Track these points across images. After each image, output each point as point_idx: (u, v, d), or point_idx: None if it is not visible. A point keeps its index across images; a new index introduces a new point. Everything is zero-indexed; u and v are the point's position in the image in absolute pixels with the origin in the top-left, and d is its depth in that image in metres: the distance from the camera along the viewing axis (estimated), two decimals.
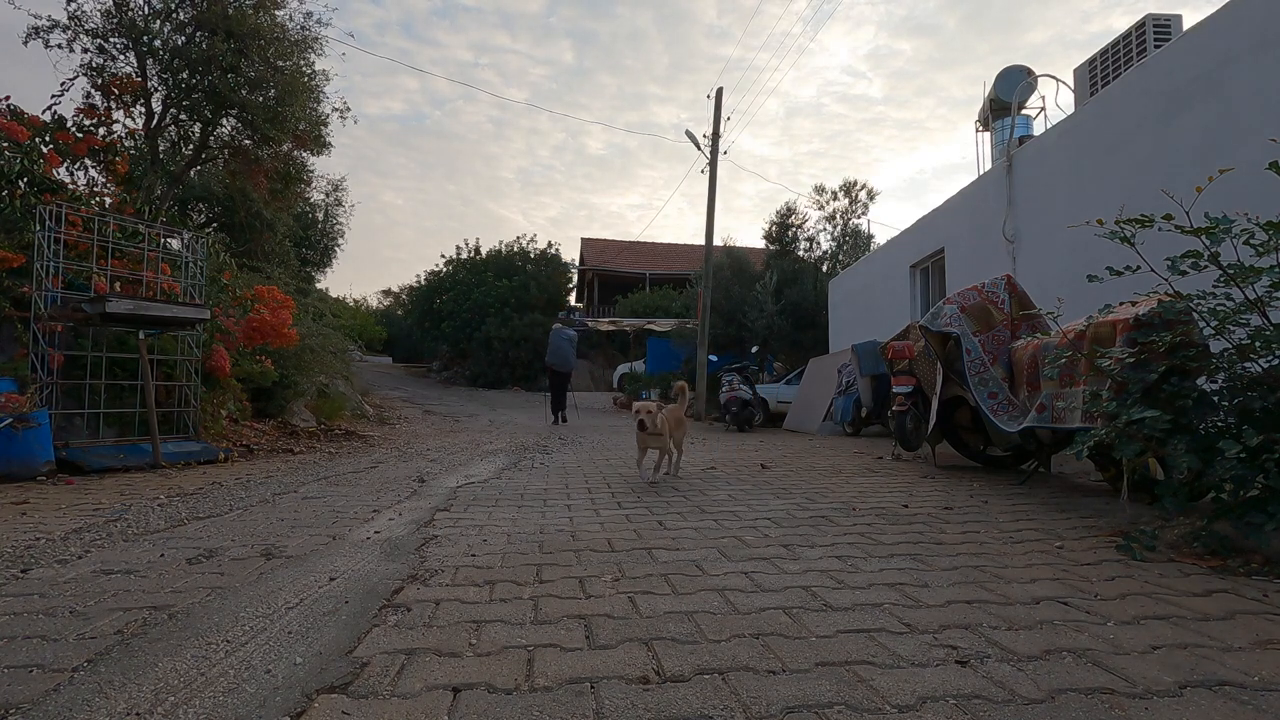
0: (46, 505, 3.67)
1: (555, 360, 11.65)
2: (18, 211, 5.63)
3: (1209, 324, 2.82)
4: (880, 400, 8.20)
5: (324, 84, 9.83)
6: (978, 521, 3.20)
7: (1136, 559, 2.47)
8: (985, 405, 4.46)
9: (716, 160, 14.43)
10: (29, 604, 1.98)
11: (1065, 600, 2.00)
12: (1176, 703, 1.35)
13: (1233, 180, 2.98)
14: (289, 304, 7.36)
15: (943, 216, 9.77)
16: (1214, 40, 5.13)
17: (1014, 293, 4.85)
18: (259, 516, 3.37)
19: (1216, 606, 1.94)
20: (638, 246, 32.12)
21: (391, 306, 41.21)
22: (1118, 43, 7.42)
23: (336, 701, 1.37)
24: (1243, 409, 2.68)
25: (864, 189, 18.65)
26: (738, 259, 18.09)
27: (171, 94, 9.04)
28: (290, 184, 10.88)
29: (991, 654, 1.59)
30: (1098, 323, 3.41)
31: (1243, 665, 1.52)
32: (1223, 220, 2.64)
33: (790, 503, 3.77)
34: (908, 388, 5.78)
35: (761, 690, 1.41)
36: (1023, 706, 1.33)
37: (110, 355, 5.69)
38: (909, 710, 1.32)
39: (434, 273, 26.83)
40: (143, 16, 8.77)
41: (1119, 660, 1.55)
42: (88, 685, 1.44)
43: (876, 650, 1.62)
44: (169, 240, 6.70)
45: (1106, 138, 6.30)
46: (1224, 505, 2.56)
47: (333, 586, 2.17)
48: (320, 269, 20.69)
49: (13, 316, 5.25)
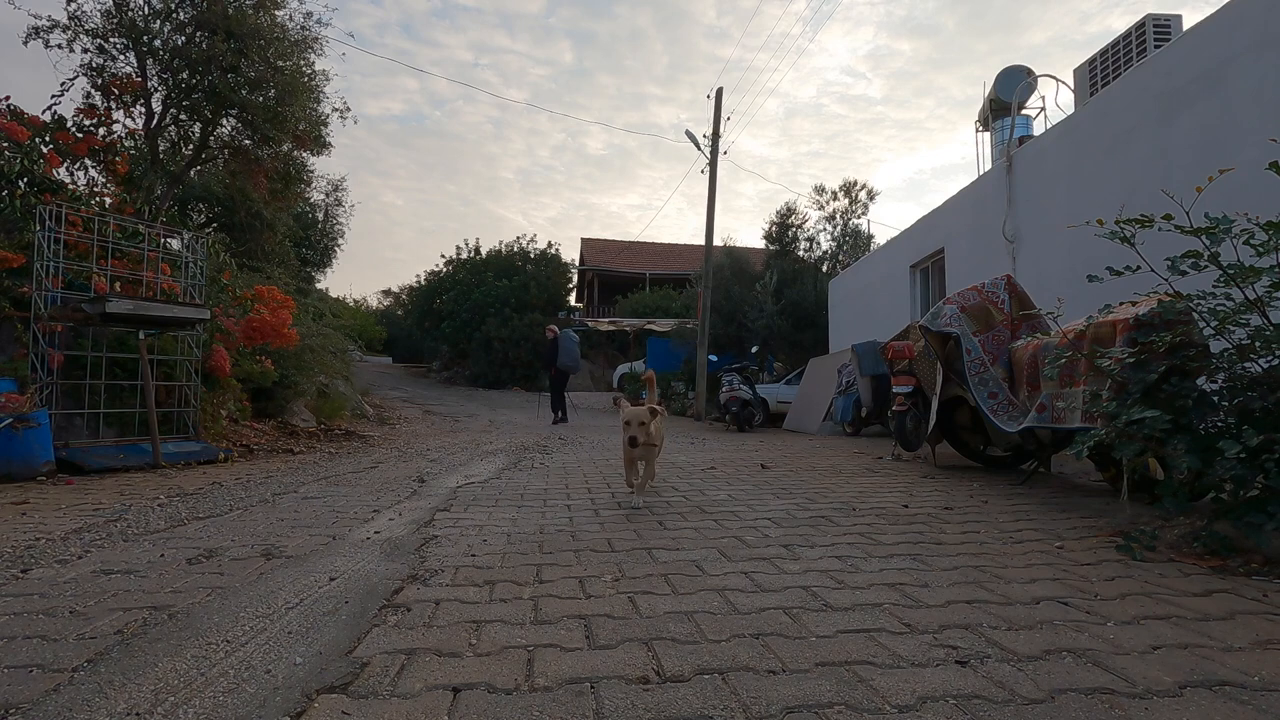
0: (46, 505, 3.67)
1: (570, 362, 11.89)
2: (18, 211, 5.63)
3: (1209, 324, 2.82)
4: (880, 400, 8.20)
5: (324, 84, 9.83)
6: (978, 521, 3.20)
7: (1136, 559, 2.47)
8: (985, 405, 4.46)
9: (716, 160, 14.43)
10: (29, 604, 1.98)
11: (1065, 600, 2.00)
12: (1176, 703, 1.35)
13: (1233, 180, 2.98)
14: (289, 304, 7.37)
15: (943, 216, 9.77)
16: (1214, 40, 5.13)
17: (1014, 293, 4.85)
18: (259, 516, 3.37)
19: (1217, 606, 1.94)
20: (638, 247, 32.14)
21: (391, 306, 41.21)
22: (1118, 43, 7.43)
23: (336, 701, 1.37)
24: (1243, 409, 2.68)
25: (864, 189, 18.70)
26: (738, 259, 18.09)
27: (171, 94, 9.04)
28: (290, 184, 10.88)
29: (991, 654, 1.59)
30: (1098, 323, 3.41)
31: (1243, 665, 1.52)
32: (1223, 220, 2.64)
33: (790, 503, 3.77)
34: (908, 388, 5.79)
35: (762, 690, 1.41)
36: (1023, 706, 1.33)
37: (110, 355, 5.69)
38: (909, 710, 1.32)
39: (434, 273, 26.85)
40: (143, 16, 8.76)
41: (1119, 660, 1.55)
42: (88, 685, 1.44)
43: (876, 650, 1.62)
44: (169, 240, 6.71)
45: (1106, 138, 6.30)
46: (1224, 505, 2.56)
47: (333, 586, 2.17)
48: (320, 269, 20.74)
49: (13, 316, 5.25)
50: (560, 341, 11.98)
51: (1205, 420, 2.77)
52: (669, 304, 24.58)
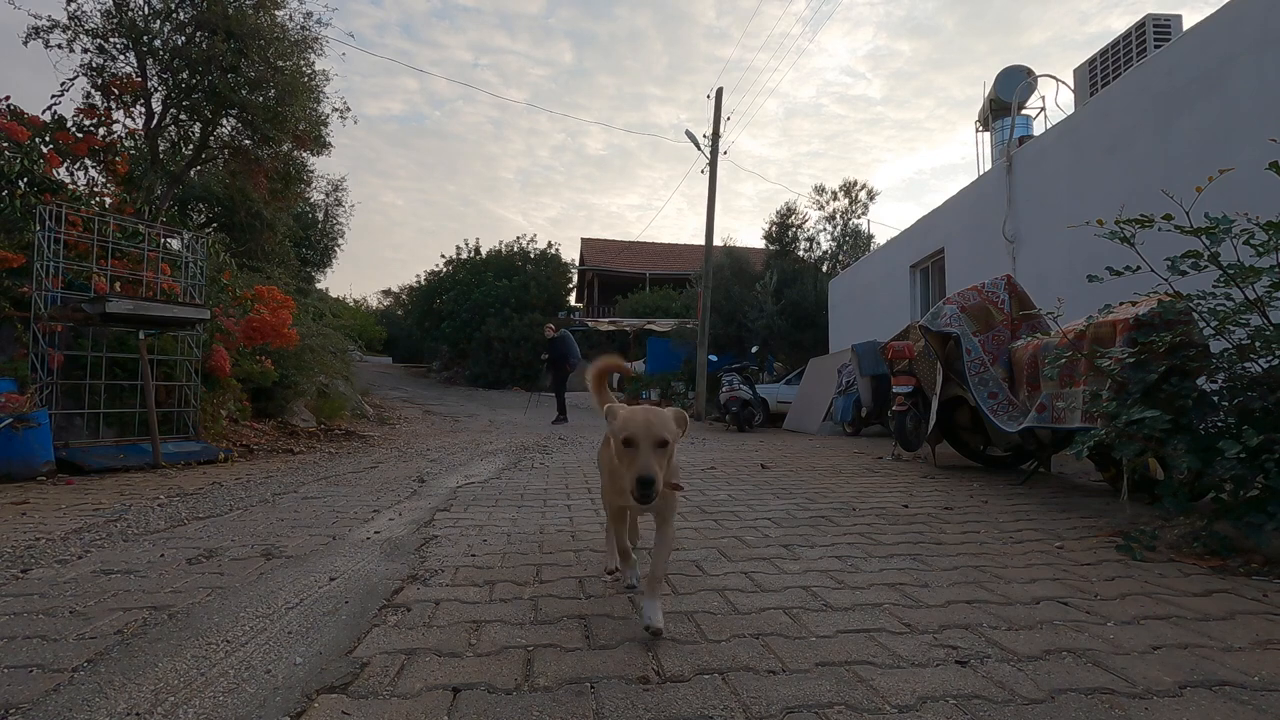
0: (46, 505, 3.67)
1: (576, 360, 12.06)
2: (18, 211, 5.63)
3: (1209, 324, 2.82)
4: (880, 400, 8.20)
5: (324, 84, 9.82)
6: (978, 522, 3.20)
7: (1136, 559, 2.47)
8: (985, 405, 4.46)
9: (716, 160, 14.43)
10: (29, 604, 1.98)
11: (1065, 600, 2.00)
12: (1176, 703, 1.35)
13: (1233, 180, 2.98)
14: (289, 304, 7.37)
15: (943, 216, 9.77)
16: (1214, 40, 5.13)
17: (1014, 293, 4.85)
18: (259, 516, 3.37)
19: (1217, 606, 1.94)
20: (637, 247, 32.13)
21: (391, 306, 41.21)
22: (1118, 43, 7.43)
23: (336, 701, 1.37)
24: (1243, 409, 2.68)
25: (864, 189, 18.68)
26: (738, 259, 18.09)
27: (171, 94, 9.04)
28: (290, 184, 10.88)
29: (991, 654, 1.59)
30: (1098, 323, 3.41)
31: (1243, 665, 1.52)
32: (1223, 220, 2.64)
33: (790, 503, 3.77)
34: (908, 388, 5.79)
35: (762, 690, 1.41)
36: (1022, 706, 1.33)
37: (110, 355, 5.69)
38: (909, 710, 1.32)
39: (434, 273, 26.85)
40: (143, 16, 8.76)
41: (1119, 660, 1.55)
42: (88, 685, 1.44)
43: (876, 650, 1.62)
44: (169, 240, 6.71)
45: (1106, 138, 6.30)
46: (1224, 505, 2.56)
47: (333, 586, 2.17)
48: (320, 269, 20.72)
49: (13, 316, 5.25)
50: (568, 343, 12.14)
51: (1205, 420, 2.77)
52: (669, 304, 24.57)
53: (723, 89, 15.33)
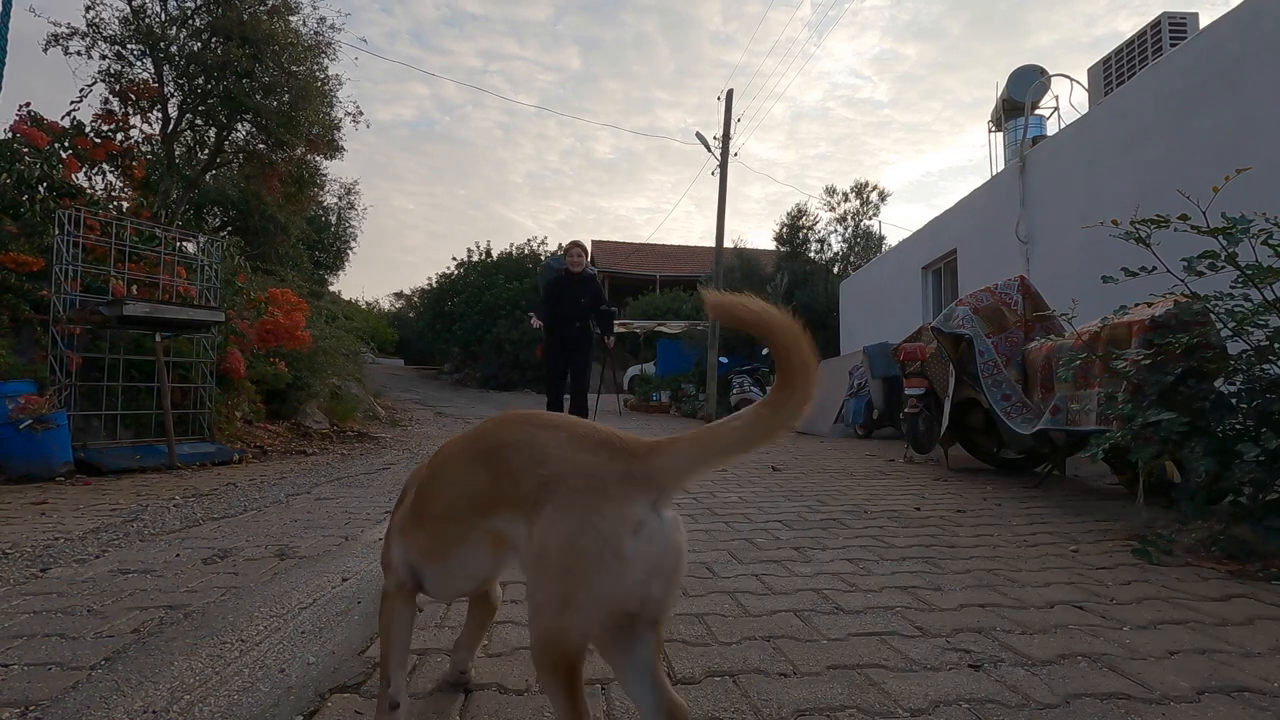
0: (65, 505, 3.71)
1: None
2: (37, 216, 5.71)
3: (1226, 325, 2.78)
4: (892, 402, 8.15)
5: (337, 88, 9.93)
6: (991, 524, 3.17)
7: (1153, 563, 2.44)
8: (999, 407, 4.42)
9: (727, 162, 14.42)
10: (48, 603, 2.01)
11: (1080, 604, 1.98)
12: (1194, 709, 1.33)
13: (1250, 180, 2.94)
14: (302, 307, 7.43)
15: (954, 217, 9.70)
16: (1231, 38, 5.07)
17: (1027, 294, 4.80)
18: (273, 517, 3.40)
19: (1235, 611, 1.91)
20: (648, 249, 32.11)
21: (403, 309, 41.42)
22: (1132, 41, 7.36)
23: (349, 701, 1.38)
24: (1261, 411, 2.64)
25: (875, 190, 18.61)
26: (748, 260, 18.08)
27: (187, 99, 9.16)
28: (303, 188, 11.00)
29: (1005, 658, 1.58)
30: (1113, 324, 3.37)
31: (1262, 671, 1.50)
32: (1240, 220, 2.60)
33: (801, 505, 3.75)
34: (920, 390, 5.75)
35: (772, 693, 1.40)
36: (1037, 711, 1.32)
37: (127, 357, 5.75)
38: (921, 714, 1.31)
39: (445, 275, 26.94)
40: (159, 23, 8.89)
41: (1135, 665, 1.54)
42: (105, 683, 1.46)
43: (889, 653, 1.61)
44: (185, 244, 6.77)
45: (1121, 137, 6.23)
46: (1242, 509, 2.52)
47: (345, 587, 2.18)
48: (333, 272, 20.92)
49: (32, 319, 5.33)
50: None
51: (1223, 423, 2.73)
52: (680, 306, 24.51)
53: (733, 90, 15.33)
